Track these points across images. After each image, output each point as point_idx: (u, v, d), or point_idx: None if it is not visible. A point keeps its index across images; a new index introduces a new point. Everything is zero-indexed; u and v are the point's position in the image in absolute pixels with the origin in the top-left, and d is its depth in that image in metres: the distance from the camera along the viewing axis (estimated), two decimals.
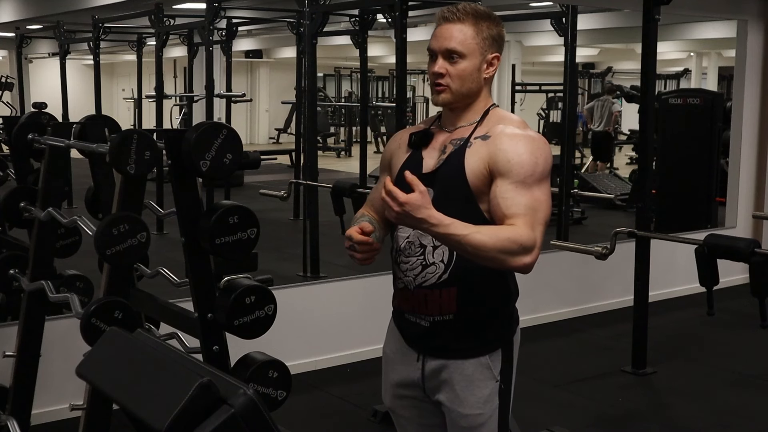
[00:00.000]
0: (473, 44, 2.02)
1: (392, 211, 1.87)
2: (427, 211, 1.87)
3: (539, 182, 1.97)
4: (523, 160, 1.97)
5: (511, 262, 1.92)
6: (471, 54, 2.02)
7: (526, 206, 1.94)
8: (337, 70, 17.92)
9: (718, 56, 15.73)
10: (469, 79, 2.04)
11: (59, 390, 3.58)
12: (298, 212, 7.77)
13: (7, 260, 3.12)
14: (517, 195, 1.95)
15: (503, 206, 1.95)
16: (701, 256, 3.61)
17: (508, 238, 1.90)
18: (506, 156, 1.97)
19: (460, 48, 2.01)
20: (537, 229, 1.94)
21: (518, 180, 1.95)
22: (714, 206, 6.99)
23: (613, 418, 4.07)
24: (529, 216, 1.94)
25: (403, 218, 1.88)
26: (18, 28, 9.08)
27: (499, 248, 1.89)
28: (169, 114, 9.41)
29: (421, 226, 1.89)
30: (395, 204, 1.85)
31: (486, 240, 1.89)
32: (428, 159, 2.09)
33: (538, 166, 1.98)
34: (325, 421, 3.96)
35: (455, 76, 2.03)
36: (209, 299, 2.34)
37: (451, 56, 2.02)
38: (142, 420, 1.19)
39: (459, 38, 2.01)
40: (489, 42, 2.04)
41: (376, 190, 2.26)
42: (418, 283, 2.07)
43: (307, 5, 5.81)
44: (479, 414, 2.10)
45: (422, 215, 1.86)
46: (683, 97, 7.42)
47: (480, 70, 2.05)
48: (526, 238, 1.91)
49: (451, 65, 2.02)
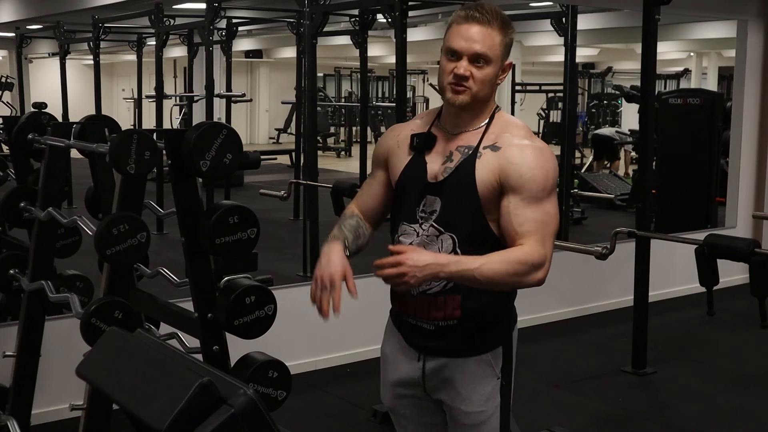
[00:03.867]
0: (499, 51, 1.98)
1: (402, 280, 1.86)
2: (428, 255, 1.89)
3: (549, 195, 1.98)
4: (535, 174, 1.96)
5: (525, 281, 1.94)
6: (496, 60, 1.98)
7: (537, 221, 1.95)
8: (337, 70, 17.91)
9: (718, 56, 15.71)
10: (488, 85, 2.00)
11: (59, 390, 3.57)
12: (298, 212, 7.77)
13: (7, 260, 3.12)
14: (528, 210, 1.95)
15: (515, 223, 1.96)
16: (701, 256, 3.61)
17: (518, 260, 1.92)
18: (518, 171, 1.96)
19: (489, 53, 1.96)
20: (547, 243, 1.96)
21: (530, 195, 1.96)
22: (714, 206, 6.98)
23: (613, 418, 4.07)
24: (539, 232, 1.95)
25: (415, 275, 1.85)
26: (18, 28, 9.08)
27: (511, 273, 1.91)
28: (169, 114, 9.41)
29: (433, 272, 1.87)
30: (396, 271, 1.85)
31: (498, 268, 1.90)
32: (432, 164, 2.06)
33: (549, 180, 1.98)
34: (325, 421, 3.96)
35: (479, 80, 1.98)
36: (209, 299, 2.35)
37: (478, 60, 1.96)
38: (142, 420, 1.19)
39: (488, 43, 1.96)
40: (508, 49, 2.02)
41: (367, 185, 2.22)
42: (422, 289, 2.05)
43: (307, 5, 5.81)
44: (482, 411, 2.11)
45: (426, 260, 1.87)
46: (683, 97, 7.42)
47: (497, 76, 2.02)
48: (536, 256, 1.93)
49: (476, 69, 1.97)
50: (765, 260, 3.39)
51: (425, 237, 2.04)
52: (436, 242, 2.02)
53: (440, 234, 2.02)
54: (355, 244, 2.11)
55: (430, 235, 2.03)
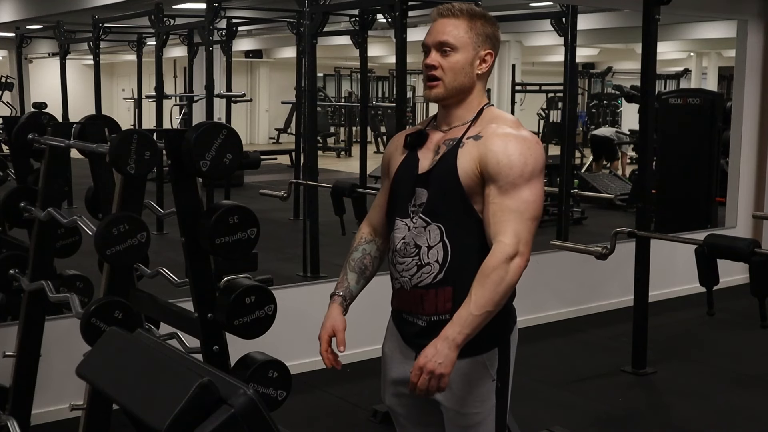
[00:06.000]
0: (466, 38, 2.05)
1: (436, 383, 1.91)
2: (431, 346, 1.92)
3: (528, 182, 1.99)
4: (513, 161, 1.98)
5: (511, 279, 1.95)
6: (463, 47, 2.04)
7: (511, 211, 1.97)
8: (337, 70, 17.91)
9: (718, 56, 15.72)
10: (461, 73, 2.05)
11: (59, 390, 3.58)
12: (298, 212, 7.77)
13: (7, 260, 3.12)
14: (504, 199, 1.97)
15: (491, 212, 1.99)
16: (701, 256, 3.61)
17: (493, 268, 1.94)
18: (496, 157, 1.99)
19: (453, 41, 2.04)
20: (522, 229, 1.96)
21: (507, 182, 1.97)
22: (714, 206, 6.98)
23: (613, 418, 4.07)
24: (511, 222, 1.96)
25: (442, 364, 1.90)
26: (18, 28, 9.08)
27: (496, 282, 1.93)
28: (169, 114, 9.41)
29: (450, 350, 1.91)
30: (425, 377, 1.90)
31: (484, 291, 1.93)
32: (423, 160, 2.11)
33: (527, 166, 1.99)
34: (325, 421, 3.96)
35: (447, 68, 2.04)
36: (209, 299, 2.35)
37: (444, 49, 2.04)
38: (142, 420, 1.20)
39: (452, 32, 2.04)
40: (482, 38, 2.07)
41: (378, 197, 2.28)
42: (414, 283, 2.08)
43: (307, 5, 5.81)
44: (476, 413, 2.11)
45: (437, 349, 1.91)
46: (683, 97, 7.42)
47: (472, 65, 2.06)
48: (508, 250, 1.94)
49: (443, 58, 2.05)
50: (765, 260, 3.39)
51: (414, 229, 2.07)
52: (424, 233, 2.06)
53: (427, 225, 2.05)
54: (362, 279, 2.20)
55: (419, 227, 2.06)
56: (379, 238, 2.24)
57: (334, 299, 2.17)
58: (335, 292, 2.19)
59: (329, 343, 2.12)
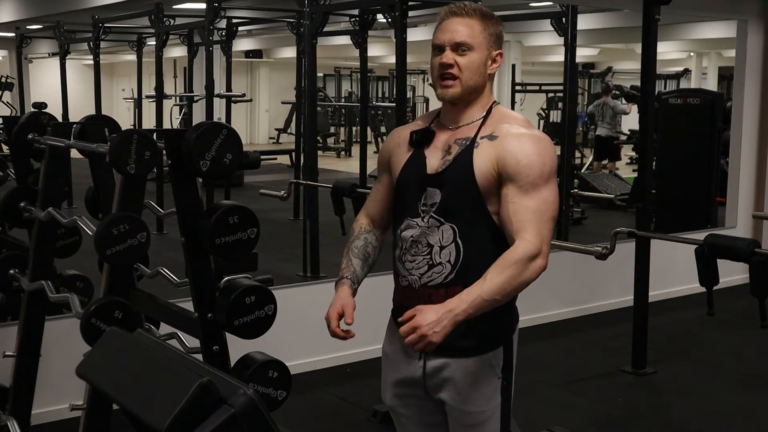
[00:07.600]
0: (481, 38, 2.05)
1: (426, 342, 1.87)
2: (434, 310, 1.89)
3: (547, 182, 2.00)
4: (532, 161, 1.99)
5: (529, 276, 1.95)
6: (479, 47, 2.05)
7: (532, 211, 1.97)
8: (337, 70, 17.91)
9: (718, 56, 15.73)
10: (477, 72, 2.06)
11: (59, 390, 3.57)
12: (298, 212, 7.77)
13: (7, 260, 3.11)
14: (524, 199, 1.97)
15: (511, 212, 1.98)
16: (701, 256, 3.61)
17: (514, 262, 1.93)
18: (515, 158, 1.99)
19: (470, 40, 2.04)
20: (543, 230, 1.97)
21: (527, 182, 1.98)
22: (714, 206, 6.99)
23: (613, 418, 4.07)
24: (534, 221, 1.96)
25: (435, 332, 1.87)
26: (18, 28, 9.08)
27: (514, 275, 1.92)
28: (169, 114, 9.42)
29: (450, 321, 1.88)
30: (416, 336, 1.87)
31: (499, 279, 1.91)
32: (431, 159, 2.09)
33: (546, 166, 2.00)
34: (325, 421, 3.96)
35: (465, 67, 2.04)
36: (209, 299, 2.34)
37: (461, 48, 2.04)
38: (142, 420, 1.20)
39: (468, 32, 2.04)
40: (494, 38, 2.08)
41: (374, 191, 2.26)
42: (423, 282, 2.07)
43: (307, 5, 5.81)
44: (483, 411, 2.12)
45: (436, 315, 1.87)
46: (683, 97, 7.42)
47: (486, 64, 2.07)
48: (531, 248, 1.94)
49: (460, 56, 2.04)
50: (765, 260, 3.39)
51: (426, 228, 2.06)
52: (436, 233, 2.05)
53: (441, 225, 2.05)
54: (366, 266, 2.18)
55: (431, 227, 2.06)
56: (377, 230, 2.23)
57: (342, 282, 2.13)
58: (342, 275, 2.15)
59: (339, 319, 2.05)
